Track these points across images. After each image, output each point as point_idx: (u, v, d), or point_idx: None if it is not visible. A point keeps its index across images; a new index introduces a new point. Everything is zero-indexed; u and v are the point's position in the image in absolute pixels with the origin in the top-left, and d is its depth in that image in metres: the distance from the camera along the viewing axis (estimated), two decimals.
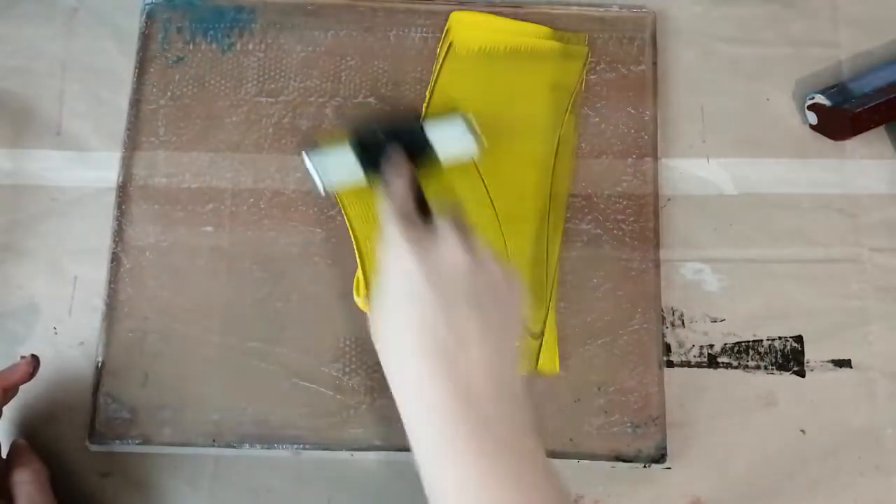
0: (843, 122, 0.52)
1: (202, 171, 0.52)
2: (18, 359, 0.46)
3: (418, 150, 0.45)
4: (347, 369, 0.48)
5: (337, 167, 0.45)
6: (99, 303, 0.49)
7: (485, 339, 0.35)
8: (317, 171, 0.45)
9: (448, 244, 0.36)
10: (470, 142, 0.46)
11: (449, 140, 0.46)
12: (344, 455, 0.47)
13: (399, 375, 0.36)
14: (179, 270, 0.50)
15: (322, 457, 0.48)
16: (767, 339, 0.50)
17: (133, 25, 0.54)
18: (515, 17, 0.54)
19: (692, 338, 0.50)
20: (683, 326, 0.50)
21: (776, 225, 0.52)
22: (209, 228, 0.51)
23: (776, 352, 0.50)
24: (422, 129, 0.46)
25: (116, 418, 0.47)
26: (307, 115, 0.53)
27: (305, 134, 0.52)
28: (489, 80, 0.53)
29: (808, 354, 0.50)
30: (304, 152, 0.46)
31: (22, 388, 0.48)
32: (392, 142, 0.45)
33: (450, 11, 0.54)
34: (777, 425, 0.49)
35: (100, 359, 0.48)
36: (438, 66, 0.53)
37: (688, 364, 0.50)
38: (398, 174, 0.42)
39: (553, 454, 0.47)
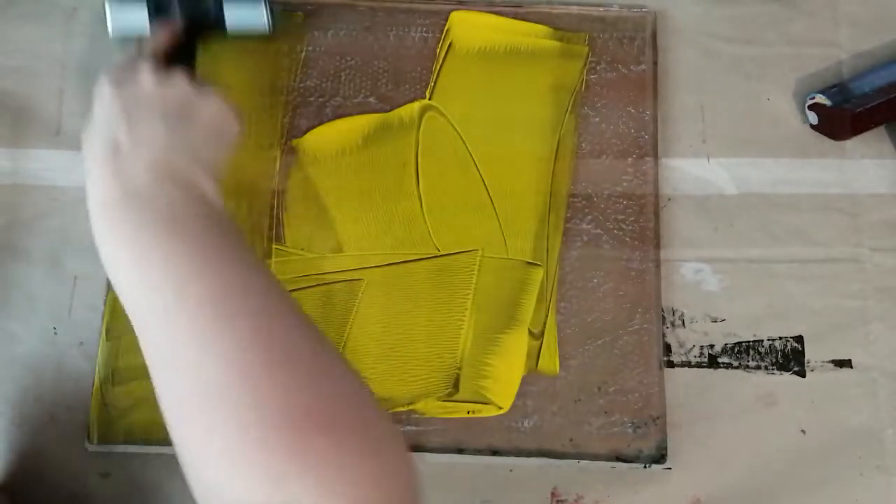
0: (843, 122, 0.52)
1: None
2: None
3: (210, 17, 0.48)
4: None
5: (129, 17, 0.48)
6: (99, 303, 0.49)
7: (161, 144, 0.38)
8: (111, 16, 0.48)
9: (143, 70, 0.40)
10: (262, 18, 0.49)
11: (242, 14, 0.49)
12: None
13: (88, 183, 0.38)
14: None
15: None
16: (768, 340, 0.50)
17: None
18: (515, 16, 0.54)
19: (692, 338, 0.50)
20: (684, 326, 0.50)
21: (776, 225, 0.52)
22: None
23: (776, 352, 0.50)
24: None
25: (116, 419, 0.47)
26: (307, 115, 0.52)
27: None
28: (489, 80, 0.53)
29: (809, 354, 0.50)
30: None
31: (22, 388, 0.48)
32: (184, 4, 0.47)
33: (450, 11, 0.54)
34: (777, 425, 0.49)
35: (99, 359, 0.48)
36: (438, 66, 0.53)
37: (688, 364, 0.50)
38: (163, 29, 0.46)
39: (553, 454, 0.47)
